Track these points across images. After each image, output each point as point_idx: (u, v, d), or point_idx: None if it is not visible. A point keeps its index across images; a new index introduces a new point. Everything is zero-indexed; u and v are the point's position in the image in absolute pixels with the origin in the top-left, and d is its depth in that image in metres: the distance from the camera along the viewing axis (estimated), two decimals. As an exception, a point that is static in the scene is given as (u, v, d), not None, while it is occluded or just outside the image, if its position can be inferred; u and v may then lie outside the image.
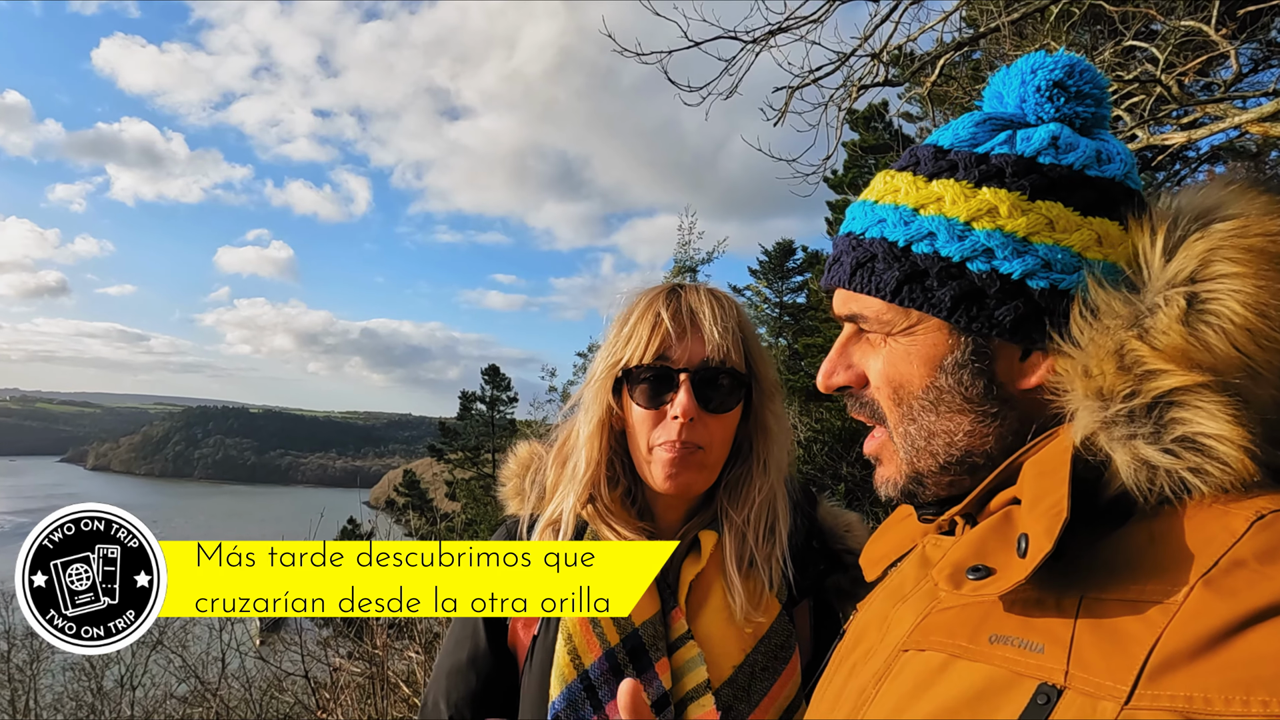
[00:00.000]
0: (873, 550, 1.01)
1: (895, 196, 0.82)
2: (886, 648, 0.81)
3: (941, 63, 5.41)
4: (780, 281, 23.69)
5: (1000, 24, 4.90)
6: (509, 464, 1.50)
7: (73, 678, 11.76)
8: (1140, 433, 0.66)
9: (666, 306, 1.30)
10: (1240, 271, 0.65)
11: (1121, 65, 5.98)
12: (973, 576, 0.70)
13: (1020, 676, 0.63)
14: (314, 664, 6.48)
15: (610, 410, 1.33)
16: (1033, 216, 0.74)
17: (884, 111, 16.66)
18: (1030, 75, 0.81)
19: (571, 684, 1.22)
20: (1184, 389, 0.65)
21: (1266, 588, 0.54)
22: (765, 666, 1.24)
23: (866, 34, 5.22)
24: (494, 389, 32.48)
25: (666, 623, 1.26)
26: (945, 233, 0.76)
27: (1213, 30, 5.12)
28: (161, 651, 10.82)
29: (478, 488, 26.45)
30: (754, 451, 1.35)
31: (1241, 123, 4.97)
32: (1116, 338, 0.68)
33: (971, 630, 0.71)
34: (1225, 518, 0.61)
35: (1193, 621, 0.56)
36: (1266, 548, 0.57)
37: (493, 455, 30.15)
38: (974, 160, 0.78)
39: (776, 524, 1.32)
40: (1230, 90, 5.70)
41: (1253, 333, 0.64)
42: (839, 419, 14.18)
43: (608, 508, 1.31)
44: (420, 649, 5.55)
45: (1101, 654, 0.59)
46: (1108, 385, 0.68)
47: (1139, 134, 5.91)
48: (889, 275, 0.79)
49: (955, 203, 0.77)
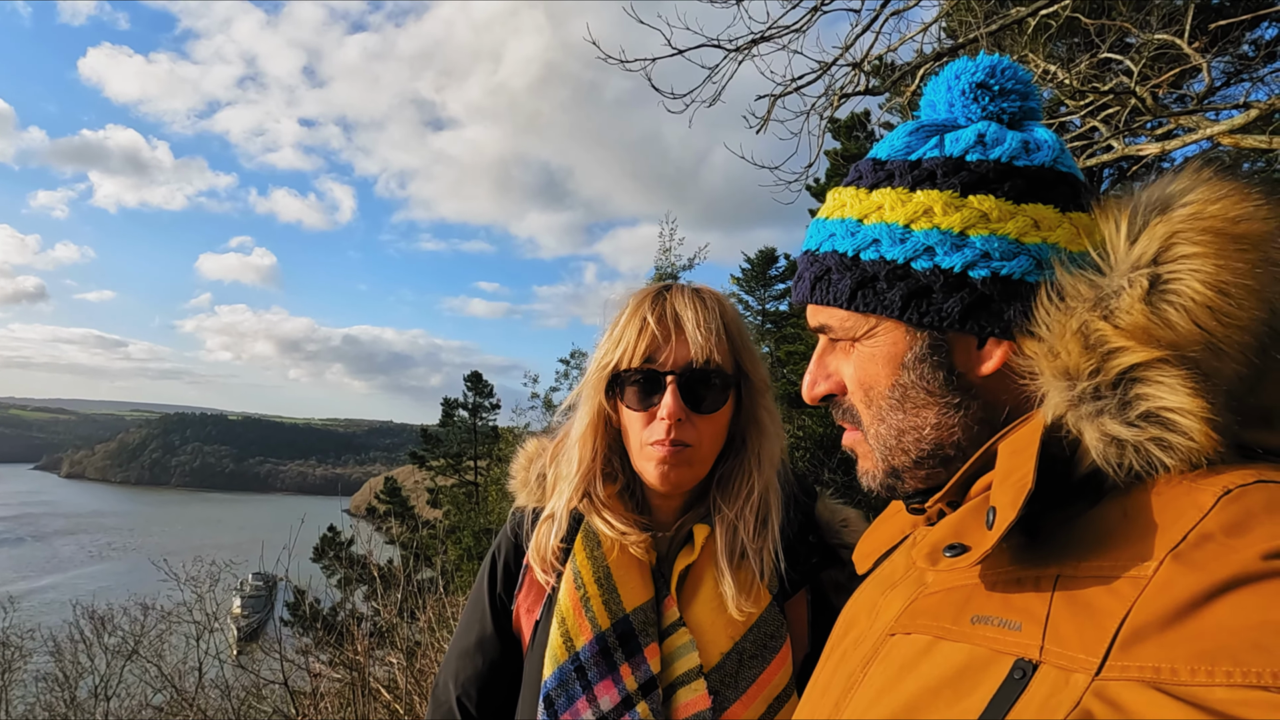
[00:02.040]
0: (865, 546, 1.03)
1: (842, 210, 0.87)
2: (875, 633, 0.84)
3: (921, 73, 5.47)
4: (762, 289, 23.79)
5: (979, 35, 4.97)
6: (518, 458, 1.55)
7: (45, 688, 11.55)
8: (1106, 409, 0.68)
9: (652, 310, 1.32)
10: (1200, 252, 0.67)
11: (1097, 77, 6.08)
12: (949, 554, 0.72)
13: (999, 654, 0.65)
14: (293, 671, 6.41)
15: (603, 411, 1.37)
16: (966, 211, 0.78)
17: (865, 121, 16.80)
18: (954, 80, 0.86)
19: (563, 664, 1.27)
20: (1145, 364, 0.67)
21: (1232, 560, 0.56)
22: (754, 654, 1.26)
23: (848, 44, 5.28)
24: (477, 396, 32.32)
25: (659, 610, 1.30)
26: (887, 238, 0.81)
27: (1186, 44, 5.22)
28: (137, 661, 10.65)
29: (460, 495, 26.31)
30: (746, 446, 1.38)
31: (1214, 134, 5.07)
32: (1080, 318, 0.71)
33: (955, 612, 0.73)
34: (1194, 493, 0.63)
35: (1161, 594, 0.58)
36: (1233, 521, 0.59)
37: (475, 462, 29.99)
38: (908, 167, 0.83)
39: (769, 516, 1.34)
40: (1203, 102, 5.81)
41: (1214, 310, 0.66)
42: (820, 426, 14.25)
43: (603, 502, 1.35)
44: (401, 655, 5.52)
45: (1075, 628, 0.61)
46: (1073, 364, 0.70)
47: (1114, 144, 6.01)
48: (843, 284, 0.84)
49: (894, 208, 0.81)
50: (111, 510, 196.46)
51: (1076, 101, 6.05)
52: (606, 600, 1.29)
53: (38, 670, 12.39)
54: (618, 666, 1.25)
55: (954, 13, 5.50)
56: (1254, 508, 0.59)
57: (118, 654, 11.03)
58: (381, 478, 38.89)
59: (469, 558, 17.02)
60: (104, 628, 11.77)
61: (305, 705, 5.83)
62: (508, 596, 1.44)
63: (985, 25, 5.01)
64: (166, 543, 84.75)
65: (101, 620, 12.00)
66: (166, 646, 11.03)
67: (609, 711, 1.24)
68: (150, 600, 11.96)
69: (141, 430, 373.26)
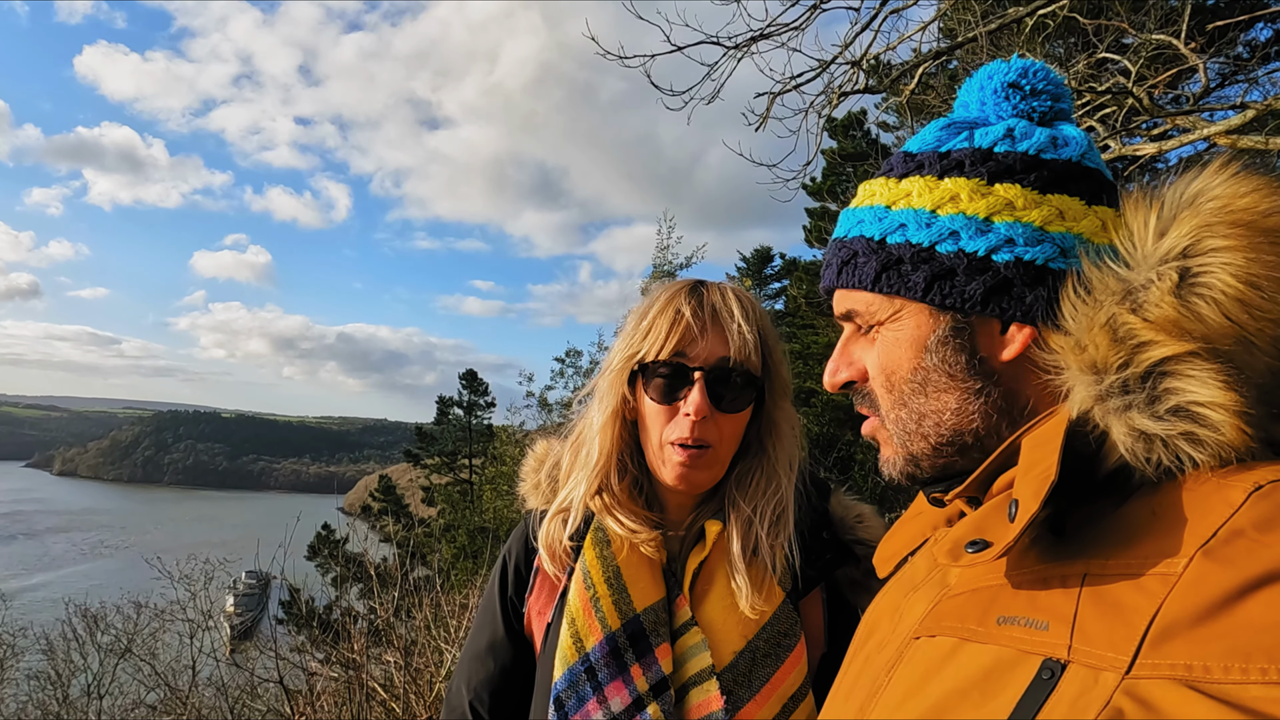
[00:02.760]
0: (886, 548, 1.02)
1: (871, 199, 0.89)
2: (899, 636, 0.83)
3: (920, 72, 5.48)
4: (758, 288, 23.81)
5: (977, 34, 4.97)
6: (527, 461, 1.53)
7: (37, 686, 11.48)
8: (1135, 403, 0.67)
9: (688, 302, 1.30)
10: (1231, 245, 0.67)
11: (1094, 77, 6.10)
12: (970, 550, 0.71)
13: (1026, 654, 0.64)
14: (288, 670, 6.39)
15: (624, 401, 1.34)
16: (991, 199, 0.79)
17: (862, 119, 16.84)
18: (987, 80, 0.88)
19: (573, 665, 1.25)
20: (1175, 358, 0.66)
21: (1264, 555, 0.55)
22: (767, 653, 1.24)
23: (847, 42, 5.28)
24: (471, 394, 32.28)
25: (671, 609, 1.28)
26: (914, 222, 0.83)
27: (1182, 44, 5.23)
28: (130, 659, 10.60)
29: (455, 493, 26.26)
30: (764, 449, 1.36)
31: (1210, 135, 5.08)
32: (1108, 311, 0.70)
33: (980, 613, 0.72)
34: (1223, 489, 0.62)
35: (1192, 591, 0.57)
36: (1264, 517, 0.58)
37: (470, 460, 29.96)
38: (937, 158, 0.85)
39: (784, 515, 1.33)
40: (1199, 103, 5.83)
41: (1244, 303, 0.65)
42: (817, 424, 14.28)
43: (616, 499, 1.33)
44: (399, 654, 5.50)
45: (1104, 626, 0.60)
46: (1101, 358, 0.70)
47: (1111, 144, 6.02)
48: (869, 267, 0.85)
49: (921, 195, 0.83)
50: (104, 508, 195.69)
51: (1074, 101, 6.06)
52: (616, 600, 1.27)
53: (30, 669, 12.30)
54: (628, 667, 1.24)
55: (952, 12, 5.50)
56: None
57: (111, 652, 10.97)
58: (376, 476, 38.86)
59: (464, 556, 16.99)
60: (97, 626, 11.71)
61: (301, 705, 5.81)
62: (519, 600, 1.42)
63: (984, 25, 5.01)
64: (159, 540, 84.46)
65: (94, 618, 11.94)
66: (160, 645, 10.98)
67: (620, 713, 1.22)
68: (143, 598, 11.90)
69: (134, 428, 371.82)
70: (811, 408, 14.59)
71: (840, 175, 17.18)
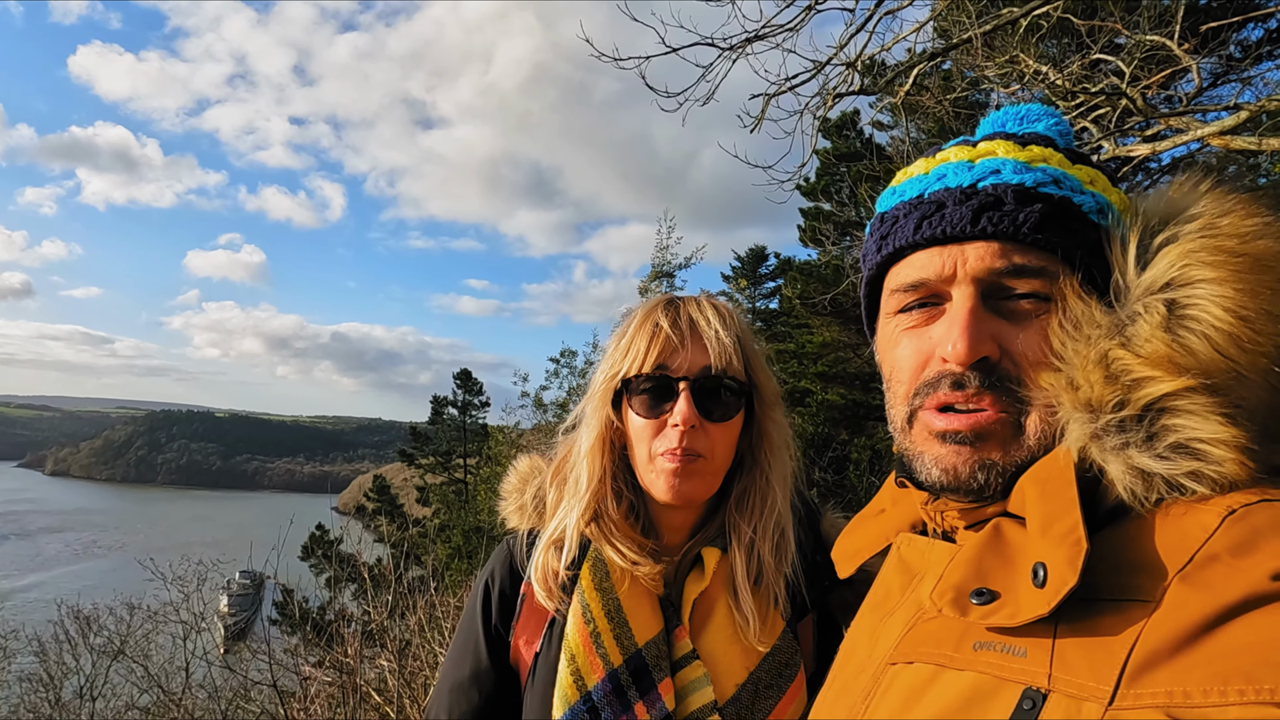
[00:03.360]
0: (845, 545, 1.00)
1: (1057, 165, 0.80)
2: (874, 662, 0.81)
3: (915, 72, 5.47)
4: (753, 287, 23.80)
5: (972, 36, 4.97)
6: (509, 478, 1.48)
7: (29, 689, 11.42)
8: (1132, 441, 0.66)
9: (665, 315, 1.29)
10: (1217, 276, 0.66)
11: (1088, 78, 6.10)
12: (977, 601, 0.69)
13: (1005, 682, 0.63)
14: (282, 673, 6.36)
15: (610, 424, 1.31)
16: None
17: (856, 120, 16.83)
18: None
19: (575, 705, 1.21)
20: (1173, 394, 0.65)
21: (1240, 580, 0.55)
22: (770, 684, 1.22)
23: (842, 43, 5.27)
24: (466, 394, 32.23)
25: (670, 642, 1.24)
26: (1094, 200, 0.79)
27: (1175, 45, 5.24)
28: (123, 661, 10.54)
29: (449, 493, 26.24)
30: (758, 463, 1.33)
31: (1203, 135, 5.09)
32: (1099, 347, 0.69)
33: (957, 639, 0.71)
34: (1198, 514, 0.62)
35: (1171, 618, 0.57)
36: (1238, 541, 0.58)
37: (464, 460, 29.92)
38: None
39: (785, 533, 1.30)
40: (1192, 104, 5.84)
41: (1235, 336, 0.64)
42: (811, 425, 14.26)
43: (614, 525, 1.29)
44: (392, 657, 5.48)
45: (1084, 655, 0.60)
46: (1096, 396, 0.68)
47: (1105, 145, 6.03)
48: (1085, 234, 0.76)
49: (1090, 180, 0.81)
50: (97, 508, 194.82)
51: (1068, 102, 6.06)
52: (618, 635, 1.22)
53: (22, 671, 12.23)
54: (632, 705, 1.19)
55: (947, 13, 5.50)
56: (1260, 526, 0.59)
57: (103, 654, 10.91)
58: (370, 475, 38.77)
59: (459, 556, 16.96)
60: (89, 627, 11.65)
61: (294, 708, 5.78)
62: (504, 627, 1.36)
63: (978, 26, 5.01)
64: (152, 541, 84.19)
65: (87, 620, 11.88)
66: (153, 646, 10.93)
67: None
68: (136, 599, 11.84)
69: (127, 427, 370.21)
70: (806, 407, 14.58)
71: (834, 175, 17.17)
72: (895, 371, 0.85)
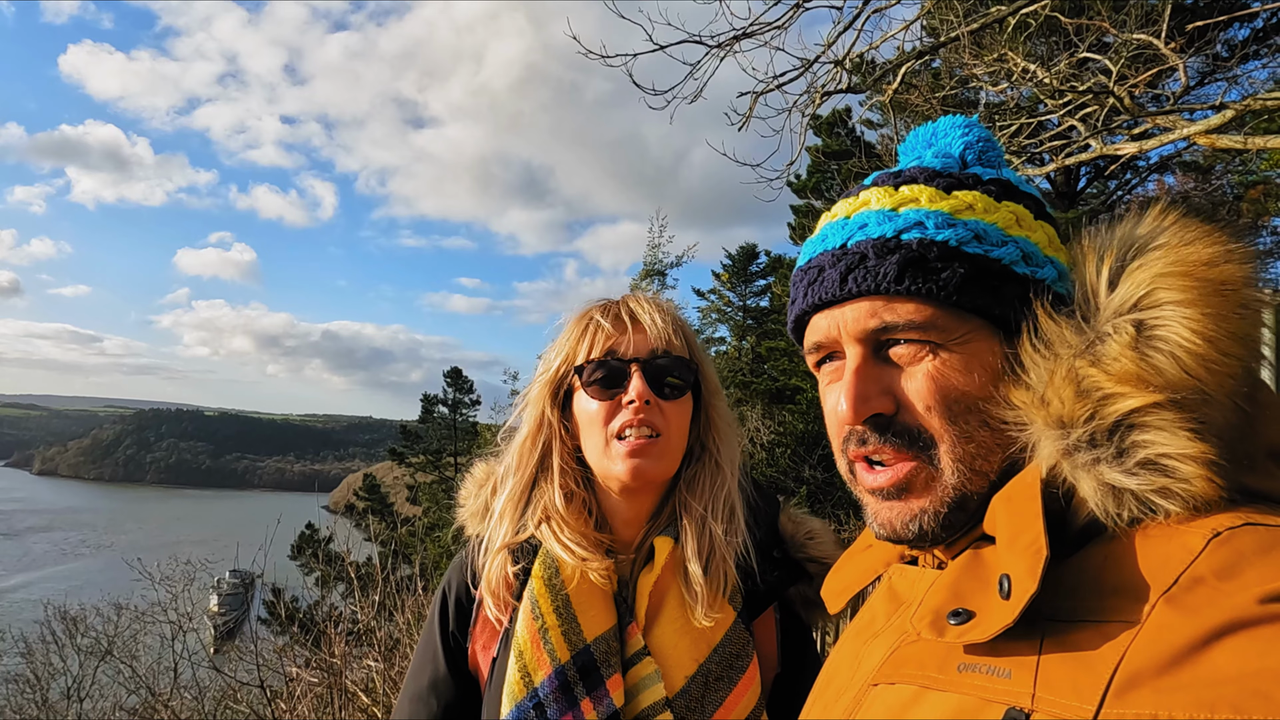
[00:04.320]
0: (835, 582, 1.00)
1: (926, 203, 0.81)
2: (857, 684, 0.81)
3: (903, 71, 5.48)
4: (744, 285, 23.84)
5: (960, 34, 4.98)
6: (465, 484, 1.49)
7: (16, 690, 11.35)
8: (1103, 456, 0.67)
9: (603, 313, 1.34)
10: (1183, 299, 0.67)
11: (1076, 76, 6.12)
12: (954, 621, 0.69)
13: (989, 703, 0.63)
14: (269, 673, 6.33)
15: (545, 419, 1.35)
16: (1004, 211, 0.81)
17: (846, 118, 16.88)
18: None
19: (521, 702, 1.21)
20: (1142, 410, 0.66)
21: (1226, 604, 0.55)
22: (720, 676, 1.22)
23: (830, 41, 5.27)
24: (456, 392, 32.19)
25: (622, 638, 1.24)
26: (993, 233, 0.79)
27: (1163, 44, 5.26)
28: (110, 662, 10.48)
29: (440, 491, 26.19)
30: (706, 449, 1.36)
31: (1190, 134, 5.11)
32: (1070, 365, 0.70)
33: (941, 660, 0.71)
34: (1182, 536, 0.62)
35: (1156, 640, 0.57)
36: (1224, 564, 0.58)
37: (455, 459, 29.87)
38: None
39: (735, 511, 1.32)
40: (1179, 102, 5.87)
41: (1201, 356, 0.65)
42: (801, 422, 14.30)
43: (565, 521, 1.30)
44: (379, 657, 5.46)
45: (1067, 675, 0.60)
46: (1067, 412, 0.69)
47: (1092, 144, 6.05)
48: (948, 275, 0.76)
49: (987, 209, 0.80)
50: (85, 507, 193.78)
51: (1056, 101, 6.08)
52: (566, 631, 1.22)
53: (8, 671, 12.16)
54: (578, 702, 1.19)
55: (935, 11, 5.51)
56: (1244, 550, 0.59)
57: (91, 654, 10.86)
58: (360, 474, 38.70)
59: (448, 555, 16.94)
60: (76, 628, 11.59)
61: (281, 708, 5.76)
62: (461, 634, 1.36)
63: (966, 23, 5.02)
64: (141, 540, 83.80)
65: (74, 620, 11.81)
66: (141, 647, 10.87)
67: None
68: (124, 600, 11.78)
69: (116, 426, 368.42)
70: (797, 405, 14.61)
71: (825, 173, 17.22)
72: (827, 424, 0.88)
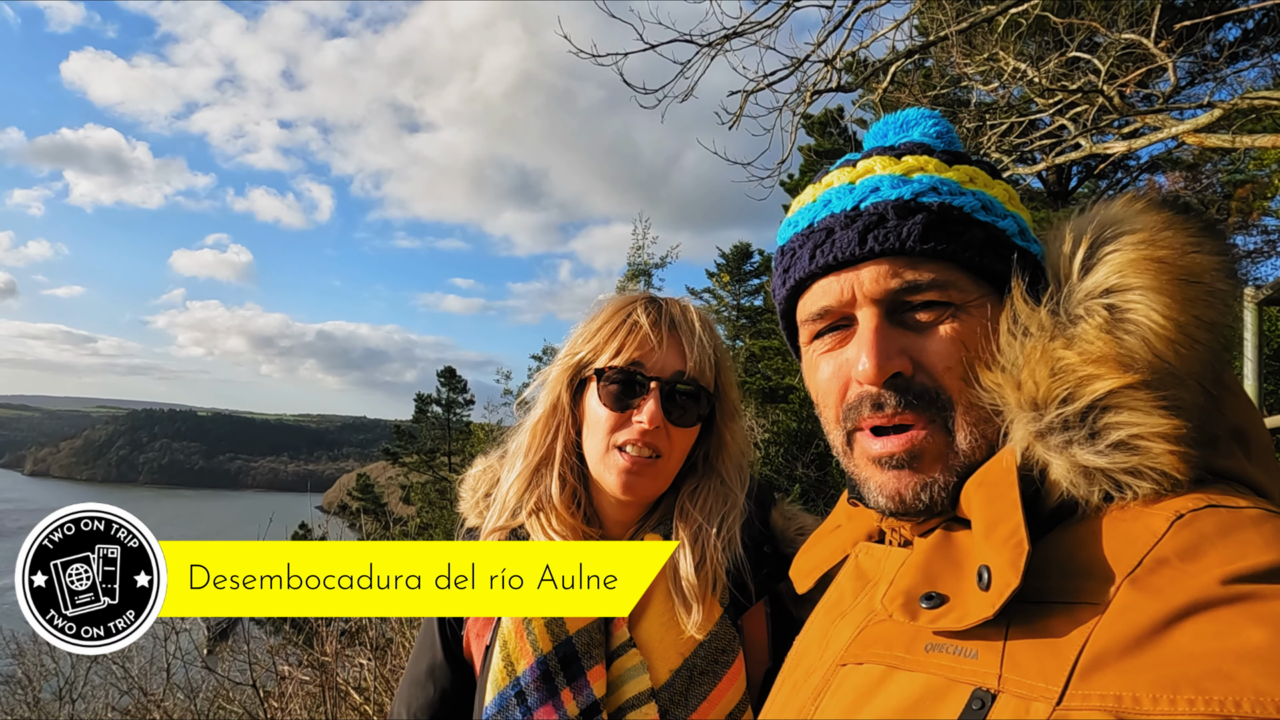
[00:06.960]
0: (803, 562, 1.01)
1: (935, 171, 0.83)
2: (825, 663, 0.81)
3: (893, 69, 5.49)
4: (737, 284, 23.83)
5: (950, 33, 4.99)
6: (466, 478, 1.50)
7: (7, 691, 11.28)
8: (1075, 438, 0.68)
9: (646, 313, 1.30)
10: (1153, 284, 0.68)
11: (1066, 75, 6.14)
12: (927, 605, 0.70)
13: (955, 683, 0.64)
14: (262, 673, 6.31)
15: (560, 405, 1.33)
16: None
17: (839, 117, 16.87)
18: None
19: (503, 690, 1.23)
20: (1116, 391, 0.66)
21: (1189, 585, 0.56)
22: (705, 670, 1.22)
23: (820, 40, 5.28)
24: (450, 391, 32.13)
25: (607, 630, 1.25)
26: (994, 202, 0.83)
27: (1152, 43, 5.29)
28: (102, 663, 10.44)
29: (433, 491, 26.12)
30: (714, 469, 1.36)
31: (1179, 133, 5.14)
32: (1044, 347, 0.70)
33: (908, 641, 0.71)
34: (1146, 518, 0.63)
35: (1120, 620, 0.57)
36: (1187, 545, 0.59)
37: (448, 458, 29.81)
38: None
39: (731, 530, 1.31)
40: (1168, 102, 5.89)
41: (1171, 340, 0.66)
42: (794, 420, 14.29)
43: (554, 512, 1.31)
44: (371, 656, 5.45)
45: (1034, 656, 0.60)
46: (1041, 394, 0.70)
47: (1082, 143, 6.08)
48: (970, 238, 0.78)
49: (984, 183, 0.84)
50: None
51: (1046, 100, 6.11)
52: (549, 622, 1.23)
53: (-1, 673, 12.09)
54: (559, 691, 1.20)
55: (925, 10, 5.52)
56: (1207, 531, 0.59)
57: (83, 655, 10.81)
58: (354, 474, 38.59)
59: (442, 554, 16.84)
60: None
61: (274, 707, 5.75)
62: (457, 622, 1.39)
63: (956, 23, 5.03)
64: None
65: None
66: (133, 647, 10.82)
67: None
68: (116, 600, 11.70)
69: (108, 427, 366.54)
70: (790, 404, 14.62)
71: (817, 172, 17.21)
72: (821, 395, 0.87)
